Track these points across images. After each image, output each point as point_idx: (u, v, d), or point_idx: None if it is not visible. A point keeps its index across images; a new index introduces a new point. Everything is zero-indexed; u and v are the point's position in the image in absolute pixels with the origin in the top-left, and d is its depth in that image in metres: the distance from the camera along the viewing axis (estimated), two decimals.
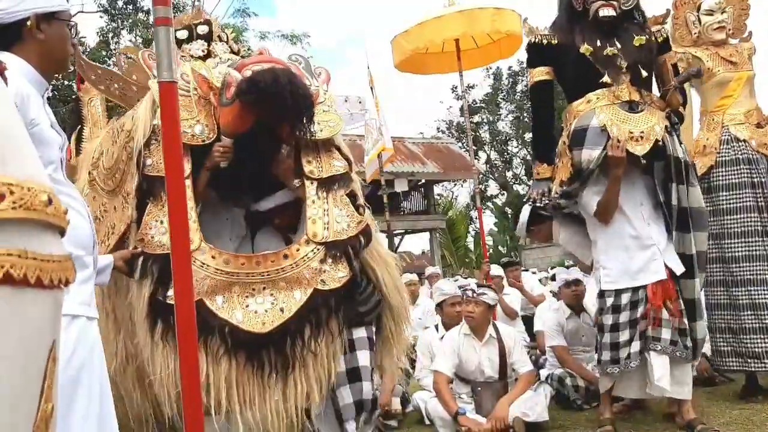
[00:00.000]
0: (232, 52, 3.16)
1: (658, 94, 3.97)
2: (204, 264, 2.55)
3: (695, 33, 4.76)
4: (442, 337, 4.83)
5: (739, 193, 4.45)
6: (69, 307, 1.74)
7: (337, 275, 2.71)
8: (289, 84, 2.52)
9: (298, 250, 2.69)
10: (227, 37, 3.18)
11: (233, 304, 2.54)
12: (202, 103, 2.73)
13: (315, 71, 3.00)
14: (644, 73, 3.79)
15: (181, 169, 2.07)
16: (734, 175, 4.49)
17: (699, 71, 4.09)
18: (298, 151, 2.91)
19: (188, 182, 2.57)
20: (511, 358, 4.41)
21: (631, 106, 3.77)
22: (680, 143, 3.86)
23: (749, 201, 4.42)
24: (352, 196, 2.88)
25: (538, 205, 3.93)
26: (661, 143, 3.72)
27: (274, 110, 2.57)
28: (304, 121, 2.66)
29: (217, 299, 2.53)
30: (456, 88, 28.82)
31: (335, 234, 2.74)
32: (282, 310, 2.57)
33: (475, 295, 4.44)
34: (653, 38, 3.91)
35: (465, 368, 4.43)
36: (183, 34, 3.04)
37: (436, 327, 5.40)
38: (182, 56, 2.92)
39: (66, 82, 15.33)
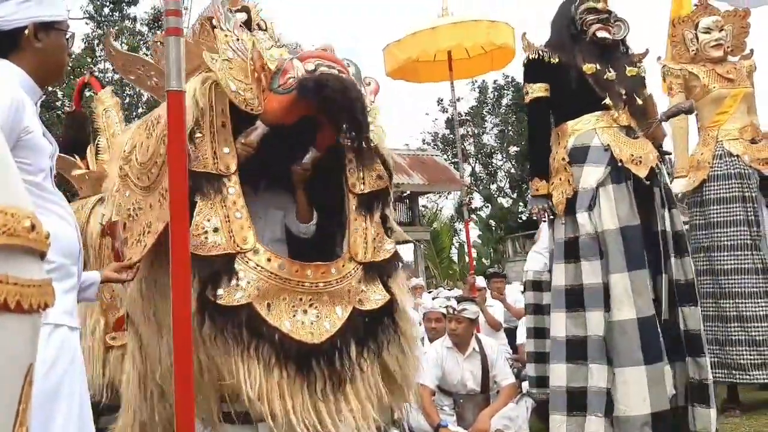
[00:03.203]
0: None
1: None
2: (258, 266, 2.43)
3: (693, 50, 4.85)
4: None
5: (730, 207, 4.53)
6: (52, 316, 1.74)
7: (374, 297, 2.64)
8: (356, 101, 2.41)
9: (344, 265, 2.60)
10: (266, 25, 3.02)
11: (281, 312, 2.44)
12: (254, 76, 2.54)
13: (364, 81, 2.84)
14: (639, 102, 3.84)
15: (184, 180, 2.02)
16: (725, 189, 4.57)
17: (690, 107, 4.17)
18: (341, 158, 2.77)
19: (235, 178, 2.49)
20: (494, 371, 4.42)
21: (628, 132, 3.82)
22: (666, 174, 3.95)
23: (739, 215, 4.50)
24: (383, 216, 2.79)
25: (542, 220, 3.82)
26: (657, 170, 3.80)
27: (330, 120, 2.44)
28: (360, 136, 2.55)
29: (266, 305, 2.43)
30: (442, 100, 29.00)
31: (373, 255, 2.68)
32: (327, 324, 2.49)
33: (455, 312, 4.46)
34: (641, 72, 3.98)
35: (448, 381, 4.44)
36: None
37: (422, 340, 5.42)
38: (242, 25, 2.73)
39: (50, 88, 15.23)
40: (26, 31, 1.87)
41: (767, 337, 4.32)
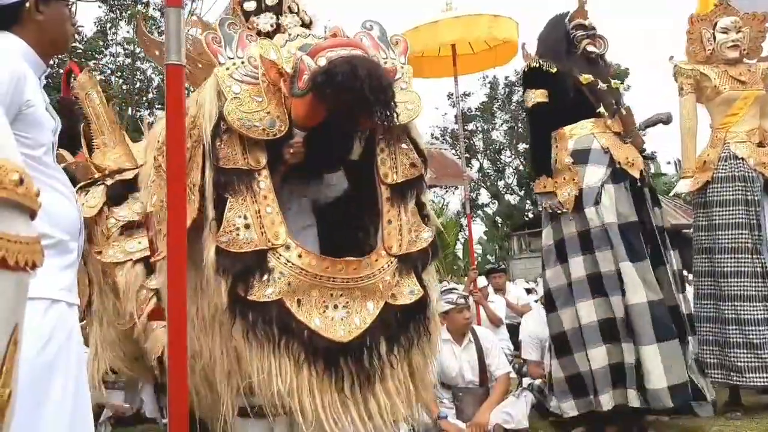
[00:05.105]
0: (303, 24, 2.89)
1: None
2: (288, 262, 2.39)
3: (709, 50, 4.82)
4: None
5: (732, 210, 4.53)
6: (49, 291, 1.73)
7: (406, 291, 2.58)
8: (368, 77, 2.27)
9: (377, 260, 2.54)
10: (297, 6, 2.91)
11: (311, 309, 2.40)
12: (272, 90, 2.47)
13: (392, 40, 2.73)
14: (623, 111, 4.19)
15: (183, 159, 1.99)
16: (729, 191, 4.57)
17: (669, 117, 4.46)
18: (371, 143, 2.69)
19: (265, 172, 2.44)
20: (488, 359, 4.45)
21: (619, 137, 4.17)
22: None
23: (741, 218, 4.49)
24: (419, 203, 2.72)
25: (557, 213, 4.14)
26: (644, 173, 4.18)
27: (352, 104, 2.34)
28: (384, 113, 2.41)
29: (296, 301, 2.39)
30: (452, 95, 28.90)
31: (407, 246, 2.61)
32: (357, 321, 2.45)
33: None
34: (622, 87, 4.36)
35: (446, 374, 4.44)
36: (251, 6, 2.81)
37: None
38: (249, 32, 2.66)
39: (60, 70, 15.25)
40: (27, 4, 1.86)
41: (765, 340, 4.31)
